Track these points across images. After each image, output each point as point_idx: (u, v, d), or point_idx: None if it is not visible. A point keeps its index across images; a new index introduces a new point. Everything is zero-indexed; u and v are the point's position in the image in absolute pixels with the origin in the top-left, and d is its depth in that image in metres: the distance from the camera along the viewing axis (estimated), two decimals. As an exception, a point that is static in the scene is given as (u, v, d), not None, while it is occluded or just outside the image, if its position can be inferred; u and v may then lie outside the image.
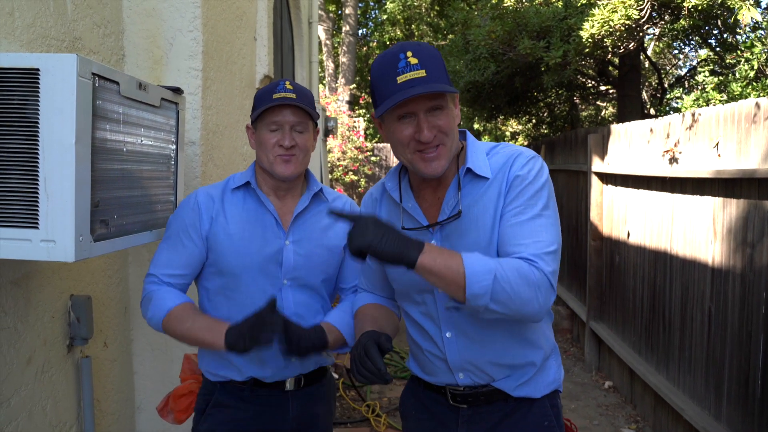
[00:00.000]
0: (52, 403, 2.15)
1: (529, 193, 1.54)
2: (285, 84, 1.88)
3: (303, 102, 1.86)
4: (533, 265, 1.46)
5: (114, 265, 2.63)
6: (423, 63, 1.46)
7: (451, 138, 1.53)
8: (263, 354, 1.87)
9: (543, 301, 1.47)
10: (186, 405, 2.19)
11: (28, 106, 1.53)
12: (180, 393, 2.22)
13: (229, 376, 1.93)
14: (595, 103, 12.20)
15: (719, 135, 3.53)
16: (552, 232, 1.52)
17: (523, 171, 1.55)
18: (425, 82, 1.44)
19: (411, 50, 1.47)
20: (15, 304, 1.95)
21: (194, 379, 2.16)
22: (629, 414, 4.67)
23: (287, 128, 1.87)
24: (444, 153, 1.52)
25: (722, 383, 3.46)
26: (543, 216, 1.52)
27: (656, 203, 4.45)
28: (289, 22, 5.73)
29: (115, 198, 1.82)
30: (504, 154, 1.61)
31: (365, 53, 20.02)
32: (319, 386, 2.02)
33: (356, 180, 13.01)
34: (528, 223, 1.51)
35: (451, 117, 1.52)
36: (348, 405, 4.66)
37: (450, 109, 1.52)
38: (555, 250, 1.51)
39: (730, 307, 3.39)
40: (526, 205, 1.53)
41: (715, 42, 7.64)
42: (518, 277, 1.43)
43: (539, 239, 1.50)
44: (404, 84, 1.44)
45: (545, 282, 1.46)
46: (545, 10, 6.56)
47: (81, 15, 2.30)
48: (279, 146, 1.87)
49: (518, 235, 1.51)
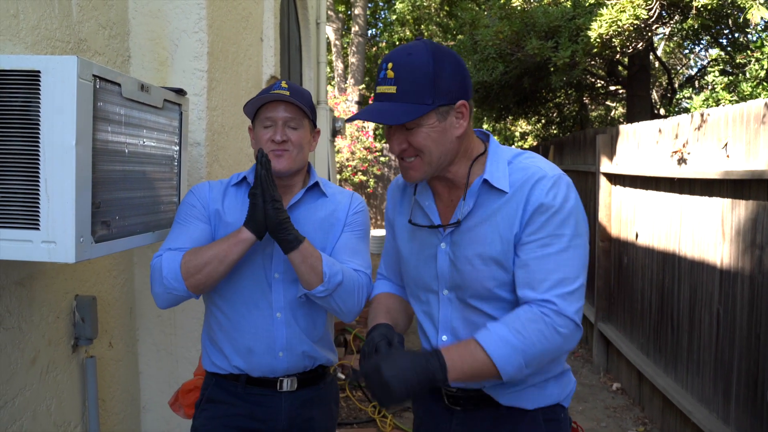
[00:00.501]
0: (56, 402, 2.16)
1: (555, 223, 1.47)
2: (281, 83, 1.91)
3: (296, 98, 1.88)
4: (557, 313, 1.43)
5: (119, 266, 2.64)
6: (398, 77, 1.45)
7: (428, 152, 1.49)
8: (252, 344, 1.90)
9: (571, 344, 1.48)
10: (193, 400, 2.21)
11: (30, 108, 1.54)
12: (187, 388, 2.24)
13: (221, 365, 1.95)
14: (605, 103, 12.14)
15: (728, 135, 3.50)
16: (578, 265, 1.48)
17: (547, 199, 1.48)
18: (390, 99, 1.46)
19: (393, 61, 1.46)
20: (19, 304, 1.96)
21: (202, 375, 2.17)
22: (637, 416, 4.64)
23: (280, 124, 1.90)
24: (418, 165, 1.51)
25: (730, 386, 3.43)
26: (571, 247, 1.47)
27: (664, 204, 4.42)
28: (296, 22, 5.74)
29: (117, 199, 1.82)
30: (526, 170, 1.54)
31: (374, 53, 20.02)
32: (316, 388, 2.00)
33: (365, 180, 13.01)
34: (554, 257, 1.46)
35: (422, 134, 1.47)
36: (354, 405, 4.66)
37: (421, 127, 1.47)
38: (580, 285, 1.47)
39: (738, 309, 3.36)
40: (552, 236, 1.47)
41: (726, 42, 7.58)
42: (544, 340, 1.42)
43: (565, 275, 1.46)
44: (377, 96, 1.49)
45: (570, 326, 1.45)
46: (553, 10, 6.53)
47: (86, 17, 2.31)
48: (271, 141, 1.89)
49: (542, 270, 1.46)
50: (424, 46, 1.48)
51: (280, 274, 1.91)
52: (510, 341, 1.41)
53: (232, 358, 1.92)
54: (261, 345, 1.90)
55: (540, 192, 1.49)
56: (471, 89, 1.56)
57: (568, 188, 1.51)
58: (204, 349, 2.02)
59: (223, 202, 1.96)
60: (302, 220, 1.94)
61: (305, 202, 1.98)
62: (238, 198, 1.97)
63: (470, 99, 1.54)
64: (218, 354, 1.95)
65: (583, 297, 1.49)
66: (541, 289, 1.46)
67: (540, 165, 1.54)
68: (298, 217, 1.94)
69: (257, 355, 1.91)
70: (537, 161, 1.56)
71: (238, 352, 1.92)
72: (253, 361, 1.91)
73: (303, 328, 1.94)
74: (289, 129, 1.90)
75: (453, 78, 1.48)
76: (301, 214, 1.96)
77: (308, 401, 1.98)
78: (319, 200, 2.00)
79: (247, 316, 1.91)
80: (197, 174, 2.77)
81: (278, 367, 1.92)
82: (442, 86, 1.46)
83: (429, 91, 1.45)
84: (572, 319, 1.45)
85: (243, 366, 1.92)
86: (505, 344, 1.41)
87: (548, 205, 1.47)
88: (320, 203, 2.00)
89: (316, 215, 1.97)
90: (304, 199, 1.98)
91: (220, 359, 1.95)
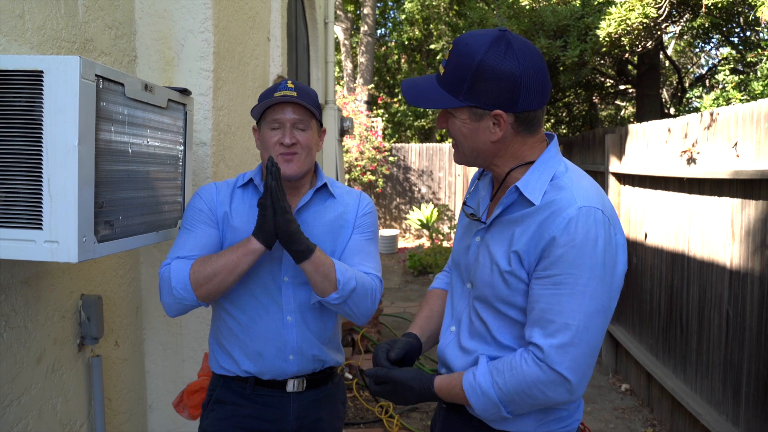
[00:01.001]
0: (62, 401, 2.17)
1: (568, 261, 1.34)
2: (287, 83, 1.89)
3: (304, 100, 1.86)
4: (544, 364, 1.35)
5: (126, 265, 2.65)
6: (448, 62, 1.46)
7: (459, 143, 1.51)
8: (262, 348, 1.90)
9: (561, 397, 1.38)
10: (198, 401, 2.21)
11: (33, 108, 1.55)
12: (193, 389, 2.24)
13: (229, 368, 1.94)
14: (615, 102, 12.07)
15: (738, 135, 3.47)
16: (586, 313, 1.34)
17: (565, 233, 1.35)
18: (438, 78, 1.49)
19: (454, 44, 1.46)
20: (25, 303, 1.97)
21: (208, 376, 2.17)
22: (646, 417, 4.61)
23: (288, 126, 1.87)
24: (456, 149, 1.54)
25: (740, 388, 3.40)
26: (582, 293, 1.34)
27: (674, 204, 4.39)
28: (304, 22, 5.74)
29: (121, 199, 1.82)
30: (559, 191, 1.41)
31: (384, 53, 20.02)
32: (324, 388, 2.00)
33: (374, 180, 13.00)
34: (559, 299, 1.35)
35: (455, 124, 1.48)
36: (361, 405, 4.65)
37: (454, 117, 1.48)
38: (584, 334, 1.34)
39: (748, 310, 3.33)
40: (564, 275, 1.35)
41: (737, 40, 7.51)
42: (527, 396, 1.39)
43: (566, 321, 1.34)
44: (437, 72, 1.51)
45: (556, 380, 1.35)
46: (562, 9, 6.50)
47: (92, 17, 2.32)
48: (280, 144, 1.87)
49: (545, 310, 1.37)
50: (488, 39, 1.39)
51: (290, 277, 1.90)
52: (490, 397, 1.43)
53: (241, 362, 1.92)
54: (271, 349, 1.90)
55: (559, 223, 1.36)
56: (527, 100, 1.40)
57: (597, 224, 1.35)
58: (211, 351, 2.02)
59: (231, 205, 1.95)
60: (311, 223, 1.93)
61: (313, 204, 1.97)
62: (245, 201, 1.96)
63: (519, 111, 1.41)
64: (227, 357, 1.95)
65: (585, 347, 1.36)
66: (539, 329, 1.37)
67: (575, 191, 1.40)
68: (307, 220, 1.93)
69: (268, 359, 1.90)
70: (578, 183, 1.43)
71: (249, 356, 1.91)
72: (263, 364, 1.91)
73: (313, 330, 1.93)
74: (297, 131, 1.88)
75: (498, 84, 1.37)
76: (310, 216, 1.95)
77: (316, 402, 1.97)
78: (327, 201, 1.99)
79: (257, 321, 1.90)
80: (203, 174, 2.78)
81: (288, 370, 1.92)
82: (479, 88, 1.39)
83: (464, 88, 1.40)
84: (561, 374, 1.34)
85: (253, 369, 1.92)
86: (485, 398, 1.44)
87: (564, 241, 1.34)
88: (329, 205, 1.98)
89: (324, 217, 1.96)
90: (312, 201, 1.96)
91: (228, 363, 1.94)
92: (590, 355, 1.37)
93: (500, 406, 1.42)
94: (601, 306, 1.36)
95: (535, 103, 1.41)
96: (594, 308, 1.35)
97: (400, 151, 14.19)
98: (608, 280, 1.37)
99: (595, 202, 1.38)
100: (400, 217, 14.23)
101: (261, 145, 1.93)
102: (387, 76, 20.22)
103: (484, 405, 1.44)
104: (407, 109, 17.50)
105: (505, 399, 1.41)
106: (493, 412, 1.44)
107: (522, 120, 1.43)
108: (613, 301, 1.41)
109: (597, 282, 1.35)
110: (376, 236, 2.04)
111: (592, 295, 1.35)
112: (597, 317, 1.36)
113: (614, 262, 1.39)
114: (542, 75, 1.42)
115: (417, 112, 17.48)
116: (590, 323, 1.35)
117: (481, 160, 1.51)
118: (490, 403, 1.42)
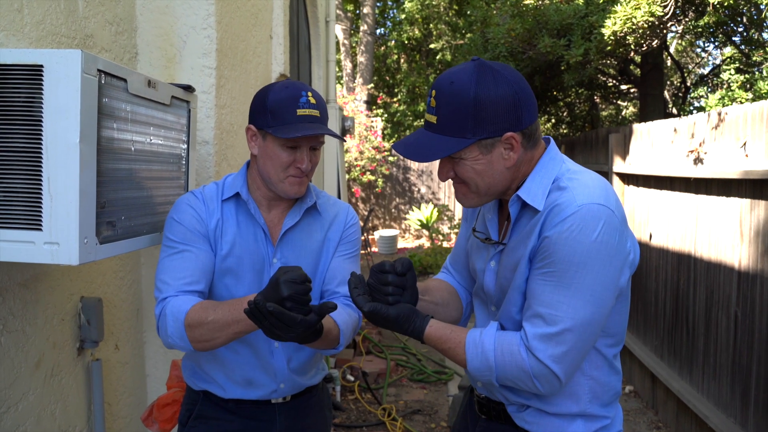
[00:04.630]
0: (61, 407, 2.11)
1: (561, 255, 1.34)
2: (308, 96, 1.69)
3: (325, 121, 1.72)
4: (530, 352, 1.38)
5: (126, 267, 2.59)
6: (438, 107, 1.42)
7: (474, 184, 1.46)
8: (251, 375, 1.80)
9: (546, 389, 1.40)
10: (170, 415, 2.11)
11: (33, 104, 1.49)
12: (164, 402, 2.13)
13: (213, 391, 1.83)
14: (616, 102, 12.03)
15: (746, 134, 3.42)
16: (578, 307, 1.35)
17: (559, 228, 1.34)
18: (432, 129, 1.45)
19: (436, 89, 1.44)
20: (23, 306, 1.91)
21: (179, 388, 2.07)
22: (651, 420, 4.56)
23: (306, 149, 1.72)
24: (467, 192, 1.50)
25: (749, 390, 3.35)
26: (574, 287, 1.34)
27: (680, 204, 4.34)
28: (305, 20, 5.69)
29: (123, 199, 1.76)
30: (560, 191, 1.40)
31: (383, 53, 19.97)
32: (309, 396, 1.92)
33: (374, 180, 12.96)
34: (550, 291, 1.37)
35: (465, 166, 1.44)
36: (364, 408, 4.60)
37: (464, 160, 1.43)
38: (564, 330, 1.35)
39: (757, 311, 3.29)
40: (556, 269, 1.36)
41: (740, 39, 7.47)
42: (516, 372, 1.41)
43: (555, 313, 1.35)
44: (425, 123, 1.47)
45: (542, 371, 1.37)
46: (566, 8, 6.45)
47: (92, 12, 2.27)
48: (296, 167, 1.71)
49: (536, 301, 1.39)
50: (471, 71, 1.38)
51: None
52: (488, 360, 1.43)
53: (228, 388, 1.81)
54: (261, 376, 1.80)
55: (555, 220, 1.36)
56: (528, 115, 1.41)
57: (595, 221, 1.34)
58: (188, 371, 1.89)
59: (222, 217, 1.78)
60: (297, 244, 1.81)
61: (301, 224, 1.83)
62: (232, 214, 1.79)
63: (525, 127, 1.41)
64: (209, 382, 1.83)
65: (571, 342, 1.37)
66: (529, 321, 1.40)
67: (576, 190, 1.38)
68: (294, 242, 1.80)
69: (257, 387, 1.81)
70: (580, 182, 1.41)
71: (236, 383, 1.81)
72: (252, 392, 1.82)
73: (301, 355, 1.85)
74: (312, 152, 1.74)
75: (499, 107, 1.36)
76: (297, 237, 1.81)
77: (303, 411, 1.90)
78: (314, 218, 1.85)
79: (245, 348, 1.79)
80: (205, 173, 2.73)
81: (277, 394, 1.84)
82: (484, 118, 1.36)
83: (468, 124, 1.37)
84: (545, 364, 1.36)
85: (240, 395, 1.82)
86: (484, 359, 1.44)
87: (557, 237, 1.34)
88: (316, 224, 1.85)
89: (311, 239, 1.83)
90: (300, 222, 1.83)
91: (213, 387, 1.83)
92: (579, 348, 1.38)
93: (493, 375, 1.43)
94: (591, 303, 1.36)
95: (533, 115, 1.43)
96: (582, 303, 1.35)
97: (400, 151, 14.10)
98: (607, 273, 1.36)
99: (597, 198, 1.36)
100: (400, 218, 14.19)
101: (264, 155, 1.73)
102: (386, 76, 20.18)
103: (479, 363, 1.44)
104: (407, 109, 17.47)
105: (499, 370, 1.43)
106: (485, 373, 1.44)
107: (528, 135, 1.43)
108: (610, 294, 1.39)
109: (594, 278, 1.35)
110: (359, 251, 1.94)
111: (584, 290, 1.35)
112: (586, 309, 1.36)
113: (614, 255, 1.36)
114: (528, 87, 1.44)
115: (416, 112, 17.44)
116: (574, 318, 1.35)
117: (497, 193, 1.48)
118: (488, 371, 1.43)
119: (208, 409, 1.85)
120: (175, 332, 1.61)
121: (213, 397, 1.84)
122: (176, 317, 1.60)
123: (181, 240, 1.72)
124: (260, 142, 1.74)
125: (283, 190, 1.74)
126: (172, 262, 1.70)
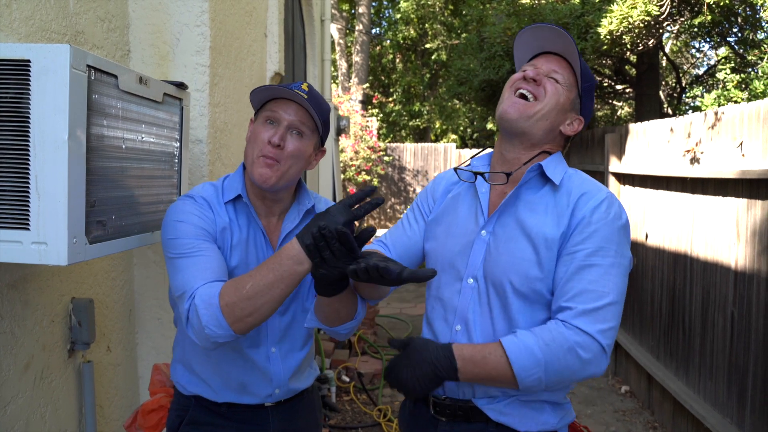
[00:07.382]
0: (51, 410, 2.08)
1: (602, 236, 1.45)
2: (302, 85, 1.66)
3: (313, 105, 1.65)
4: (577, 330, 1.39)
5: (118, 267, 2.55)
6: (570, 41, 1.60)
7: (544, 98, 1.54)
8: (246, 380, 1.76)
9: (594, 369, 1.42)
10: (156, 421, 2.04)
11: (20, 100, 1.45)
12: (149, 408, 2.07)
13: (205, 396, 1.78)
14: (611, 102, 12.03)
15: (743, 134, 3.41)
16: (616, 284, 1.44)
17: (599, 210, 1.47)
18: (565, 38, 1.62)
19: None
20: (12, 308, 1.88)
21: (164, 393, 2.01)
22: (647, 420, 4.55)
23: (284, 125, 1.64)
24: (536, 94, 1.57)
25: (746, 391, 3.34)
26: (614, 266, 1.44)
27: (676, 204, 4.33)
28: (300, 19, 5.66)
29: (113, 198, 1.72)
30: (582, 180, 1.56)
31: (379, 52, 19.94)
32: (301, 398, 1.89)
33: (369, 180, 12.92)
34: (593, 271, 1.43)
35: (552, 85, 1.56)
36: (359, 409, 4.57)
37: (557, 82, 1.57)
38: (610, 304, 1.42)
39: (754, 312, 3.27)
40: (598, 248, 1.44)
41: (735, 39, 7.47)
42: (564, 357, 1.38)
43: (600, 291, 1.41)
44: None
45: (593, 348, 1.39)
46: (562, 7, 6.43)
47: (84, 8, 2.23)
48: (268, 143, 1.62)
49: (577, 283, 1.43)
50: None
51: None
52: (534, 353, 1.38)
53: (221, 392, 1.77)
54: (256, 381, 1.77)
55: (592, 203, 1.48)
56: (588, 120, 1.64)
57: (621, 208, 1.51)
58: (177, 373, 1.85)
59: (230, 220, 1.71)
60: None
61: (300, 228, 1.72)
62: (233, 217, 1.73)
63: (586, 123, 1.63)
64: (201, 384, 1.79)
65: (614, 318, 1.43)
66: (578, 301, 1.42)
67: (596, 182, 1.57)
68: None
69: (252, 392, 1.77)
70: (587, 177, 1.59)
71: (230, 388, 1.76)
72: (246, 397, 1.78)
73: (296, 359, 1.82)
74: (291, 135, 1.64)
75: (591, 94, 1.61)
76: None
77: (295, 412, 1.87)
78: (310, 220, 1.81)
79: (240, 351, 1.75)
80: (199, 173, 2.69)
81: (272, 399, 1.81)
82: (586, 73, 1.59)
83: (579, 71, 1.57)
84: (594, 337, 1.39)
85: (234, 399, 1.78)
86: (529, 355, 1.38)
87: (597, 218, 1.46)
88: None
89: None
90: (299, 226, 1.76)
91: (203, 390, 1.79)
92: (617, 324, 1.44)
93: (543, 371, 1.38)
94: (625, 277, 1.47)
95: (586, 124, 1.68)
96: (620, 278, 1.45)
97: (395, 151, 14.13)
98: (628, 256, 1.49)
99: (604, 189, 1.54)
100: (395, 217, 14.17)
101: (249, 138, 1.69)
102: (382, 76, 20.15)
103: (529, 368, 1.38)
104: (402, 109, 17.44)
105: (548, 361, 1.38)
106: (536, 378, 1.38)
107: (579, 130, 1.61)
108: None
109: (624, 257, 1.47)
110: None
111: (620, 267, 1.45)
112: (622, 288, 1.45)
113: (629, 243, 1.51)
114: None
115: (412, 112, 17.41)
116: (616, 292, 1.43)
117: (537, 129, 1.54)
118: (536, 367, 1.38)
119: (201, 415, 1.80)
120: (211, 319, 1.45)
121: (205, 402, 1.80)
122: (209, 303, 1.46)
123: (193, 244, 1.60)
124: (251, 128, 1.71)
125: (254, 174, 1.64)
126: (190, 262, 1.56)
